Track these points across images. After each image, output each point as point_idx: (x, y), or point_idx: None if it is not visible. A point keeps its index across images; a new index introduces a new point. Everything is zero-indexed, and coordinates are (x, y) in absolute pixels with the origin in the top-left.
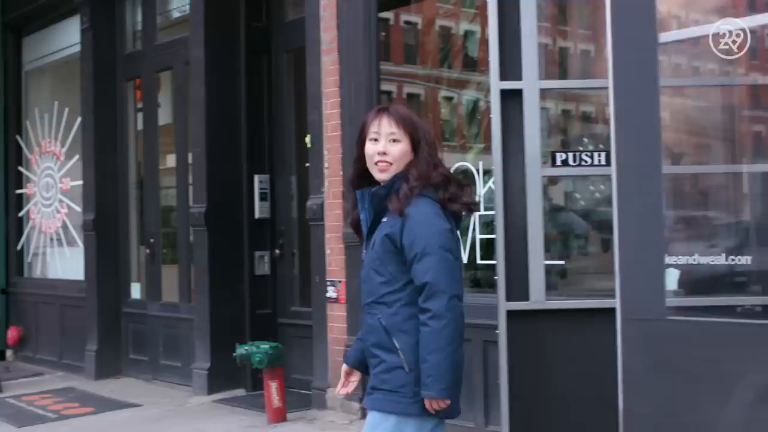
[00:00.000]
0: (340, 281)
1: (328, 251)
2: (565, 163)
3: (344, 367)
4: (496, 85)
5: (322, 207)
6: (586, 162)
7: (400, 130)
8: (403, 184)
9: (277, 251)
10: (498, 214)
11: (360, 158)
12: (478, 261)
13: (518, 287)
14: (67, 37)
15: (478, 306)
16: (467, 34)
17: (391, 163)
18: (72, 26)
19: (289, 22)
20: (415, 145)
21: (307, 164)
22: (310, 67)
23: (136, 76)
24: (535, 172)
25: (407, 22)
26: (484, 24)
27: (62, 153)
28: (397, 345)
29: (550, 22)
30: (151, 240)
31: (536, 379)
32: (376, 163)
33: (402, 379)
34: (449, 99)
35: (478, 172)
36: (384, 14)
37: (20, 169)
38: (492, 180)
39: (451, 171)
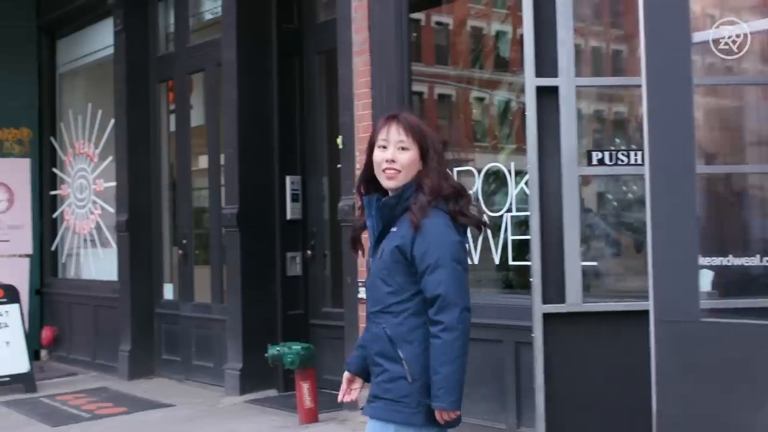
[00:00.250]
0: None
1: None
2: (601, 162)
3: (346, 374)
4: (532, 81)
5: (354, 208)
6: (622, 161)
7: (409, 138)
8: (419, 196)
9: (309, 252)
10: (533, 214)
11: (368, 164)
12: (510, 262)
13: (554, 289)
14: (100, 40)
15: (510, 307)
16: (499, 35)
17: (399, 171)
18: (105, 28)
19: (321, 24)
20: (423, 154)
21: (339, 165)
22: (341, 69)
23: (168, 77)
24: (571, 171)
25: (438, 23)
26: (516, 24)
27: (96, 154)
28: (401, 355)
29: (583, 22)
30: (184, 241)
31: (572, 382)
32: (383, 170)
33: (405, 389)
34: (481, 100)
35: (510, 173)
36: (415, 15)
37: (54, 170)
38: (524, 181)
39: (486, 173)
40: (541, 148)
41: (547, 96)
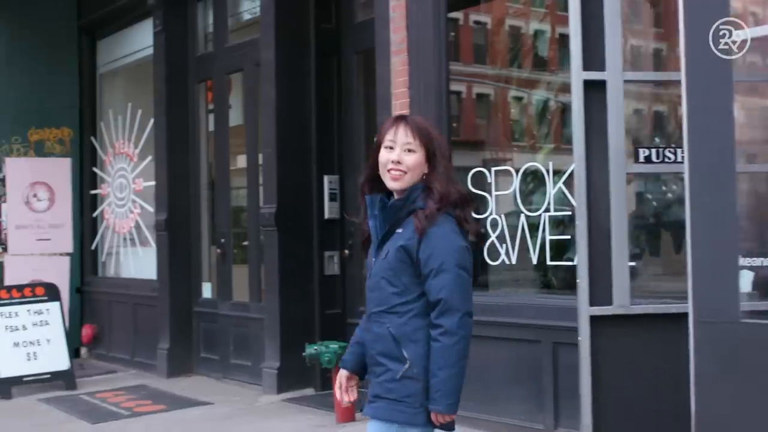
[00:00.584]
0: None
1: None
2: (648, 159)
3: (343, 372)
4: (579, 75)
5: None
6: (669, 159)
7: (416, 140)
8: (428, 202)
9: (347, 251)
10: (580, 213)
11: (373, 164)
12: (548, 262)
13: (599, 290)
14: (140, 40)
15: (547, 307)
16: (537, 34)
17: (405, 172)
18: (145, 29)
19: (359, 24)
20: (429, 157)
21: None
22: (379, 68)
23: (207, 77)
24: (619, 168)
25: (477, 22)
26: (554, 23)
27: (135, 154)
28: (405, 355)
29: (623, 21)
30: (222, 240)
31: (618, 386)
32: (388, 170)
33: (408, 388)
34: (519, 99)
35: (548, 173)
36: (453, 14)
37: (95, 170)
38: (562, 180)
39: (524, 172)
40: (588, 145)
41: (593, 91)
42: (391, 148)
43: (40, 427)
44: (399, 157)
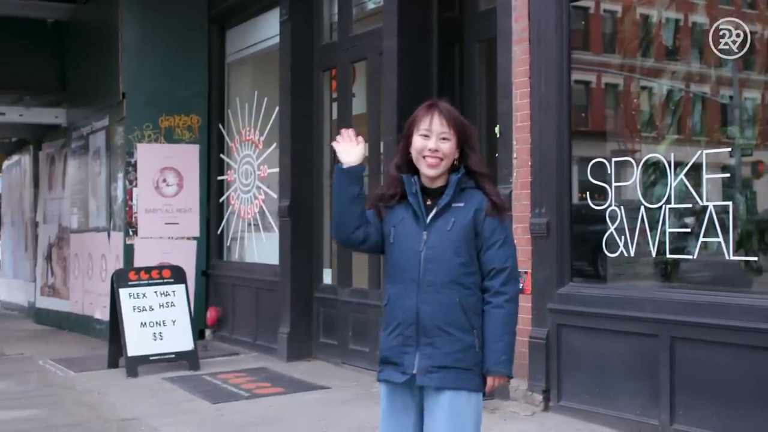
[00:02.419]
0: (525, 272)
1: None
2: None
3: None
4: None
5: (510, 197)
6: None
7: (450, 129)
8: (485, 184)
9: None
10: None
11: (405, 148)
12: (667, 255)
13: None
14: (267, 30)
15: (666, 301)
16: (666, 22)
17: (441, 159)
18: (272, 19)
19: (481, 12)
20: (460, 143)
21: (497, 154)
22: (500, 57)
23: (331, 66)
24: None
25: (606, 11)
26: (686, 11)
27: (260, 141)
28: (474, 325)
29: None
30: None
31: None
32: (424, 157)
33: (476, 357)
34: (645, 89)
35: (669, 165)
36: (582, 3)
37: (221, 156)
38: (684, 172)
39: (645, 163)
40: None
41: None
42: (427, 136)
43: (164, 405)
44: (436, 146)
